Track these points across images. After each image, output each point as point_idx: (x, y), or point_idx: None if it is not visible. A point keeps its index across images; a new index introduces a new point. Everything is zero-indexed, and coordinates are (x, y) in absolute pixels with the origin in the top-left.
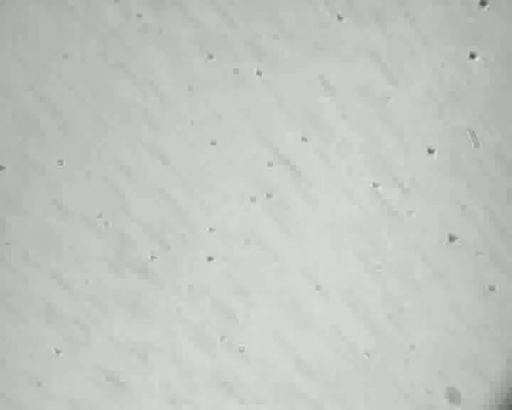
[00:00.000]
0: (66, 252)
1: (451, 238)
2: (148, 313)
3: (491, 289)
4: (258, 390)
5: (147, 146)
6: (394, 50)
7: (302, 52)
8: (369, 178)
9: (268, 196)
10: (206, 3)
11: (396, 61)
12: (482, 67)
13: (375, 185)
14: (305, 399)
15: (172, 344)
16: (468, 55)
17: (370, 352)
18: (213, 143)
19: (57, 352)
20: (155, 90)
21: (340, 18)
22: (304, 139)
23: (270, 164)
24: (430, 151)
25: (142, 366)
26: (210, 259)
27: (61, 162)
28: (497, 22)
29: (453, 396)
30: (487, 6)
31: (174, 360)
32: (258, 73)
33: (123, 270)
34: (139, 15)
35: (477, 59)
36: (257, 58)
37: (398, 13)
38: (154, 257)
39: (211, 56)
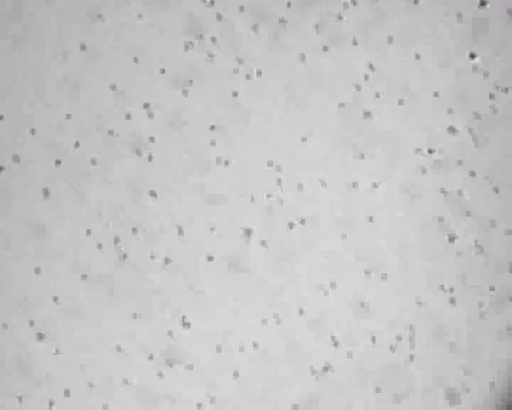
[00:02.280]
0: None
1: (451, 238)
2: (148, 312)
3: (492, 289)
4: (257, 389)
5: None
6: (393, 50)
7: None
8: (369, 178)
9: (268, 195)
10: None
11: (395, 61)
12: (482, 67)
13: (374, 185)
14: (302, 396)
15: (172, 344)
16: (468, 55)
17: (370, 352)
18: (213, 144)
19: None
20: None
21: (340, 18)
22: (304, 139)
23: (270, 164)
24: (430, 151)
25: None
26: (210, 259)
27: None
28: (497, 22)
29: (453, 397)
30: (487, 6)
31: (175, 359)
32: (258, 73)
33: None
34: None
35: (477, 59)
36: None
37: (398, 13)
38: (154, 257)
39: (210, 55)
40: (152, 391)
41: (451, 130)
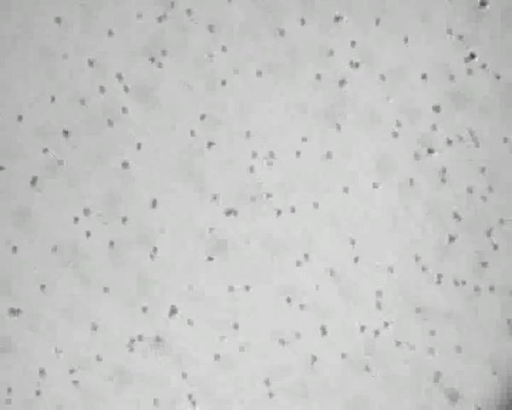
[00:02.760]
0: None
1: (451, 238)
2: (148, 311)
3: (491, 289)
4: (258, 389)
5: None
6: (393, 51)
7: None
8: (369, 178)
9: (268, 195)
10: None
11: (395, 62)
12: (482, 67)
13: (374, 185)
14: (302, 396)
15: (172, 345)
16: (468, 55)
17: (370, 352)
18: (212, 144)
19: None
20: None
21: (338, 18)
22: (304, 139)
23: (269, 163)
24: (430, 151)
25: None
26: (210, 259)
27: (61, 163)
28: (497, 22)
29: (453, 396)
30: (487, 6)
31: (174, 360)
32: (258, 73)
33: (122, 268)
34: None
35: (477, 59)
36: (257, 59)
37: (398, 13)
38: (154, 257)
39: (210, 55)
40: (126, 370)
41: (451, 129)
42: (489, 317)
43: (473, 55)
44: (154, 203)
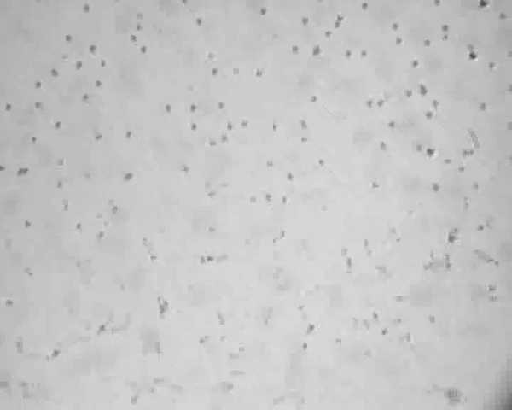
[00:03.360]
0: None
1: (451, 238)
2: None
3: (492, 289)
4: (257, 389)
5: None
6: (393, 51)
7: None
8: (370, 178)
9: (268, 196)
10: None
11: (394, 62)
12: (482, 67)
13: (375, 186)
14: (301, 397)
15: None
16: (468, 55)
17: (370, 351)
18: (213, 144)
19: None
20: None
21: (339, 18)
22: (304, 139)
23: (270, 164)
24: (430, 151)
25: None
26: (210, 259)
27: (61, 162)
28: (497, 22)
29: (453, 396)
30: (487, 6)
31: (171, 363)
32: (258, 73)
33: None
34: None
35: (477, 59)
36: (256, 58)
37: (398, 13)
38: (154, 257)
39: (211, 55)
40: (103, 351)
41: (451, 129)
42: (463, 286)
43: (473, 55)
44: (129, 177)
